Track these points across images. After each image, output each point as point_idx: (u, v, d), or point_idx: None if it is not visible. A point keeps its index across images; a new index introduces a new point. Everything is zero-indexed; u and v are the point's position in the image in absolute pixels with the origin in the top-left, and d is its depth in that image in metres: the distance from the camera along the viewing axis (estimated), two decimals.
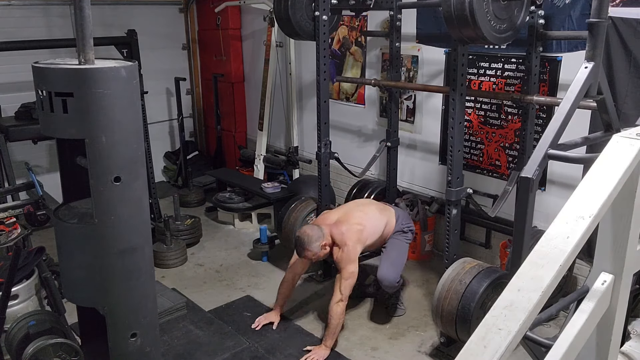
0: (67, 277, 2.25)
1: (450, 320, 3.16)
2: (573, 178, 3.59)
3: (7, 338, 2.77)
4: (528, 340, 2.18)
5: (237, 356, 3.37)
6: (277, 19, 4.14)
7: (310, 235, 3.41)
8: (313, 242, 3.40)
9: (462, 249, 4.12)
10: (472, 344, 1.04)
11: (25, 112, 4.74)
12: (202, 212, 5.81)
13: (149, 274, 2.27)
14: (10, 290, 2.87)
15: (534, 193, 2.53)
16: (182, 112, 6.29)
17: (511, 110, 3.94)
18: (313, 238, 3.40)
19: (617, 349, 1.48)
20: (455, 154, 3.32)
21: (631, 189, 1.27)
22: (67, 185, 2.43)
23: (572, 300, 1.45)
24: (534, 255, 1.16)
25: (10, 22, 5.34)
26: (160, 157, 6.93)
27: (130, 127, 2.02)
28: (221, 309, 3.94)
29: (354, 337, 3.56)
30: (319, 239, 3.41)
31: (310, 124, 5.54)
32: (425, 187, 4.67)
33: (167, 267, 4.55)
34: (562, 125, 2.52)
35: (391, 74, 4.37)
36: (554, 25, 3.51)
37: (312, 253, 3.42)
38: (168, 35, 6.68)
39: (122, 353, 2.19)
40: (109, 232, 2.04)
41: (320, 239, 3.41)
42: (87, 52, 1.94)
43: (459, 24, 2.80)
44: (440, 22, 4.14)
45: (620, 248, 1.31)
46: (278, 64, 5.85)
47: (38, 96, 1.97)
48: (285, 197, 4.97)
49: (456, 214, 3.43)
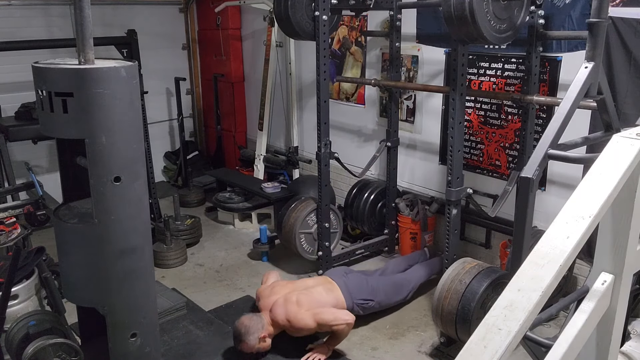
0: (67, 277, 2.26)
1: (450, 320, 3.16)
2: (573, 178, 3.59)
3: (7, 338, 2.77)
4: (528, 340, 2.18)
5: (237, 356, 3.37)
6: (277, 19, 4.14)
7: (247, 327, 3.17)
8: (250, 334, 3.15)
9: (462, 249, 4.13)
10: (472, 344, 1.04)
11: (25, 112, 4.75)
12: (202, 212, 5.81)
13: (149, 274, 2.28)
14: (10, 290, 2.87)
15: (534, 193, 2.53)
16: (182, 112, 6.28)
17: (511, 110, 3.94)
18: (251, 330, 3.16)
19: (617, 349, 1.48)
20: (455, 154, 3.32)
21: (631, 189, 1.27)
22: (67, 185, 2.43)
23: (572, 300, 1.45)
24: (534, 255, 1.16)
25: (10, 22, 5.34)
26: (160, 157, 6.93)
27: (130, 127, 2.03)
28: (221, 309, 3.94)
29: (354, 337, 3.55)
30: (257, 330, 3.17)
31: (310, 124, 5.54)
32: (425, 187, 4.67)
33: (167, 267, 4.55)
34: (562, 125, 2.51)
35: (391, 74, 4.37)
36: (554, 25, 3.51)
37: (249, 347, 3.17)
38: (168, 35, 6.68)
39: (122, 353, 2.19)
40: (109, 232, 2.05)
41: (258, 328, 3.17)
42: (87, 52, 1.94)
43: (459, 24, 2.80)
44: (440, 22, 4.14)
45: (620, 248, 1.31)
46: (278, 64, 5.85)
47: (38, 96, 1.97)
48: (285, 197, 4.97)
49: (456, 214, 3.43)
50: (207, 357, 3.37)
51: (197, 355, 3.38)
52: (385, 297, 3.65)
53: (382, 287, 3.67)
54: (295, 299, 3.32)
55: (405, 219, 4.48)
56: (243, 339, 3.17)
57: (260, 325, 3.21)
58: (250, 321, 3.21)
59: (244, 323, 3.20)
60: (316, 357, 3.29)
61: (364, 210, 4.68)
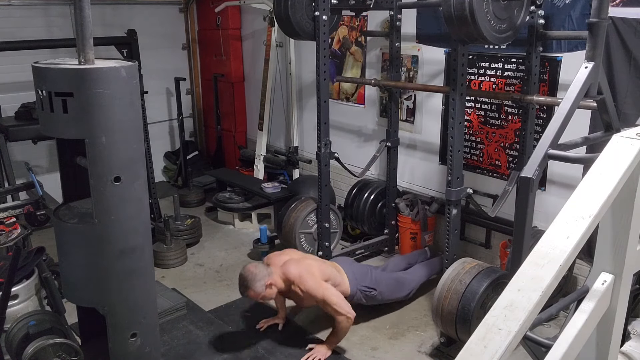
0: (67, 277, 2.26)
1: (450, 320, 3.16)
2: (573, 178, 3.59)
3: (7, 338, 2.77)
4: (528, 340, 2.17)
5: (237, 356, 3.37)
6: (277, 19, 4.14)
7: (254, 274, 3.21)
8: (257, 280, 3.19)
9: (462, 249, 4.13)
10: (472, 344, 1.04)
11: (25, 112, 4.74)
12: (202, 212, 5.81)
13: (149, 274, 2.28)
14: (10, 290, 2.87)
15: (534, 193, 2.53)
16: (182, 112, 6.28)
17: (511, 110, 3.94)
18: (257, 277, 3.20)
19: (617, 349, 1.48)
20: (455, 154, 3.32)
21: (631, 189, 1.27)
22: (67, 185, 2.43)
23: (572, 300, 1.45)
24: (534, 255, 1.16)
25: (10, 22, 5.34)
26: (160, 157, 6.93)
27: (130, 127, 2.03)
28: (221, 309, 3.93)
29: (354, 337, 3.55)
30: (264, 276, 3.21)
31: (310, 124, 5.54)
32: (425, 187, 4.67)
33: (167, 267, 4.55)
34: (562, 125, 2.51)
35: (391, 74, 4.37)
36: (554, 25, 3.51)
37: (255, 293, 3.21)
38: (168, 35, 6.68)
39: (122, 353, 2.19)
40: (109, 232, 2.05)
41: (264, 276, 3.21)
42: (87, 52, 1.94)
43: (459, 24, 2.80)
44: (440, 22, 4.14)
45: (620, 248, 1.31)
46: (278, 64, 5.85)
47: (38, 96, 1.97)
48: (285, 197, 4.97)
49: (456, 214, 3.43)
50: (207, 357, 3.37)
51: (197, 355, 3.38)
52: (387, 290, 3.67)
53: (384, 280, 3.70)
54: (309, 263, 3.39)
55: (405, 219, 4.48)
56: (249, 286, 3.21)
57: (266, 272, 3.24)
58: (256, 269, 3.25)
59: (250, 270, 3.25)
60: (316, 357, 3.29)
61: (364, 210, 4.68)
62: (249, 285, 3.21)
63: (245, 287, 3.23)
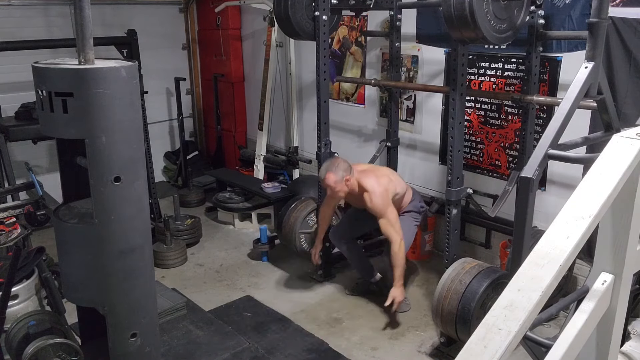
0: (67, 277, 2.26)
1: (450, 320, 3.16)
2: (573, 178, 3.59)
3: (7, 338, 2.77)
4: (528, 340, 2.18)
5: (237, 356, 3.37)
6: (277, 19, 4.14)
7: (342, 163, 3.45)
8: (341, 169, 3.42)
9: (462, 249, 4.12)
10: (472, 344, 1.04)
11: (25, 112, 4.74)
12: (202, 212, 5.81)
13: (149, 274, 2.27)
14: (10, 290, 2.87)
15: (534, 193, 2.53)
16: (182, 112, 6.29)
17: (511, 110, 3.94)
18: (343, 167, 3.43)
19: (617, 349, 1.48)
20: (455, 154, 3.31)
21: (631, 189, 1.27)
22: (67, 185, 2.43)
23: (572, 300, 1.45)
24: (534, 255, 1.16)
25: (10, 22, 5.34)
26: (160, 157, 6.93)
27: (130, 127, 2.02)
28: (221, 309, 3.93)
29: (354, 337, 3.56)
30: (347, 170, 3.44)
31: (310, 124, 5.54)
32: (425, 187, 4.67)
33: (167, 267, 4.55)
34: (562, 125, 2.51)
35: (391, 74, 4.37)
36: (554, 25, 3.51)
37: (335, 178, 3.42)
38: (168, 35, 6.68)
39: (122, 353, 2.19)
40: (109, 232, 2.04)
41: (347, 170, 3.44)
42: (87, 52, 1.94)
43: (459, 24, 2.80)
44: (440, 22, 4.14)
45: (620, 248, 1.31)
46: (278, 64, 5.85)
47: (38, 96, 1.97)
48: (285, 197, 4.97)
49: (456, 214, 3.42)
50: (207, 357, 3.37)
51: (197, 355, 3.38)
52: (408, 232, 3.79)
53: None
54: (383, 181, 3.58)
55: None
56: (333, 170, 3.44)
57: (350, 170, 3.49)
58: (344, 162, 3.50)
59: (339, 159, 3.55)
60: (396, 298, 3.51)
61: None
62: (334, 169, 3.40)
63: (328, 170, 3.45)
